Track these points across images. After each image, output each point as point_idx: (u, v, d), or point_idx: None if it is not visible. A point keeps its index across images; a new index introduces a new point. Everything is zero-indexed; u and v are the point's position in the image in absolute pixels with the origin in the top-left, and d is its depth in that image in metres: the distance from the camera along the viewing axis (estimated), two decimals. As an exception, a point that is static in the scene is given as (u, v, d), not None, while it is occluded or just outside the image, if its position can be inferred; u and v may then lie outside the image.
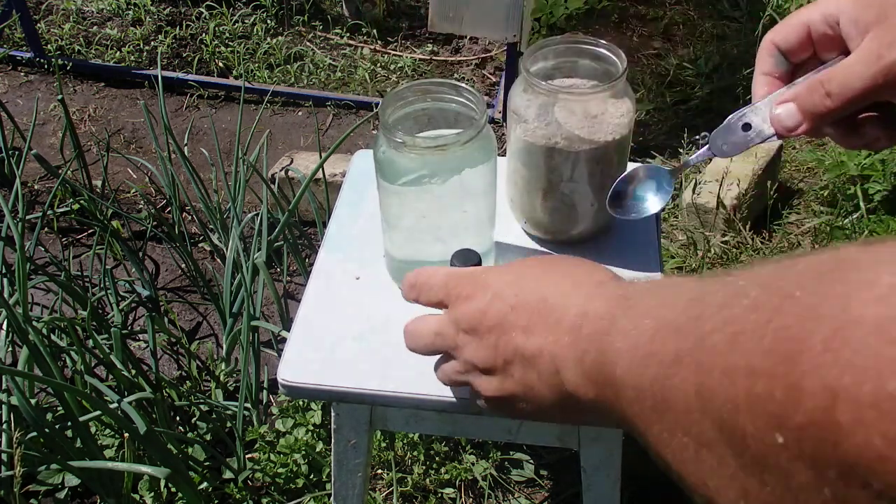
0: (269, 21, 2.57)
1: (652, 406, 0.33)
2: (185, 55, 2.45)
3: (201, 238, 1.75)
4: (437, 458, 1.27)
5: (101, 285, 1.49)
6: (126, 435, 1.03)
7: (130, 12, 2.62)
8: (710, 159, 0.85)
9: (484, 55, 2.44)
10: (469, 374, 0.50)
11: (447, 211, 0.69)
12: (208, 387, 1.39)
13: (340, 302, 0.77)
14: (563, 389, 0.42)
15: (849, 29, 0.49)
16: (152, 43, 2.48)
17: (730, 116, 0.57)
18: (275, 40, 2.48)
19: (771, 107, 0.54)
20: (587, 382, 0.40)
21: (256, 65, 2.39)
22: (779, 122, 0.53)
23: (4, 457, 1.09)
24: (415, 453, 1.27)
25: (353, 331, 0.74)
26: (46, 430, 1.03)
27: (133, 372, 1.21)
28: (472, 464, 1.25)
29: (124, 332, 1.32)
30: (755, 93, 0.56)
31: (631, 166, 0.72)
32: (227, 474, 1.23)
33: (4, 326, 1.25)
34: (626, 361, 0.36)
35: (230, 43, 2.48)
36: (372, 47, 2.48)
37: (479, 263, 0.59)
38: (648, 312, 0.36)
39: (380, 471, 1.27)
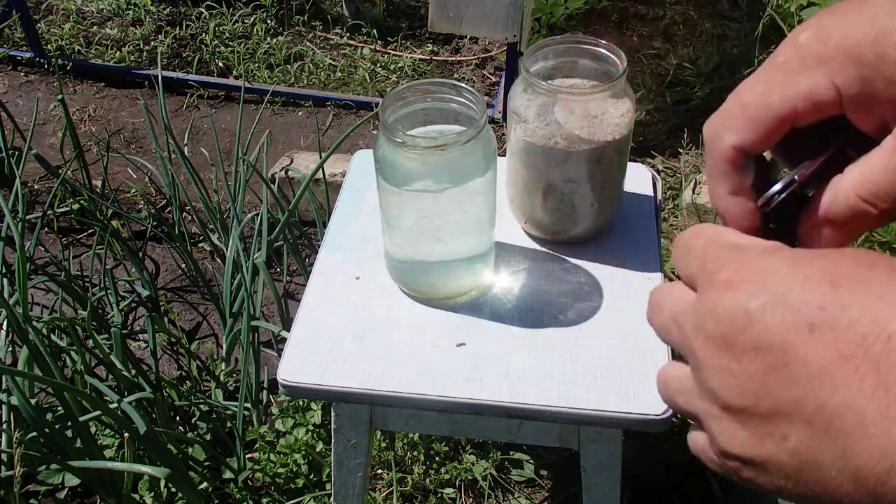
0: (269, 21, 2.57)
1: None
2: (185, 55, 2.45)
3: (201, 238, 1.75)
4: (437, 458, 1.27)
5: (101, 285, 1.49)
6: (126, 435, 1.03)
7: (130, 12, 2.62)
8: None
9: (484, 55, 2.44)
10: (701, 404, 0.32)
11: (447, 211, 0.69)
12: (208, 387, 1.39)
13: (340, 302, 0.77)
14: (893, 501, 0.25)
15: (859, 115, 0.34)
16: (152, 43, 2.48)
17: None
18: (275, 40, 2.48)
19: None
20: None
21: (256, 65, 2.39)
22: (812, 247, 0.37)
23: (4, 457, 1.09)
24: (415, 453, 1.27)
25: (353, 331, 0.74)
26: (46, 430, 1.03)
27: (133, 372, 1.21)
28: (472, 464, 1.25)
29: (124, 332, 1.32)
30: (730, 217, 0.38)
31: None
32: (227, 474, 1.23)
33: (4, 326, 1.25)
34: None
35: (230, 43, 2.48)
36: (372, 47, 2.48)
37: (802, 191, 0.36)
38: None
39: (380, 471, 1.27)
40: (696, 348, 0.31)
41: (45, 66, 2.38)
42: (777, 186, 0.36)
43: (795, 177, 0.36)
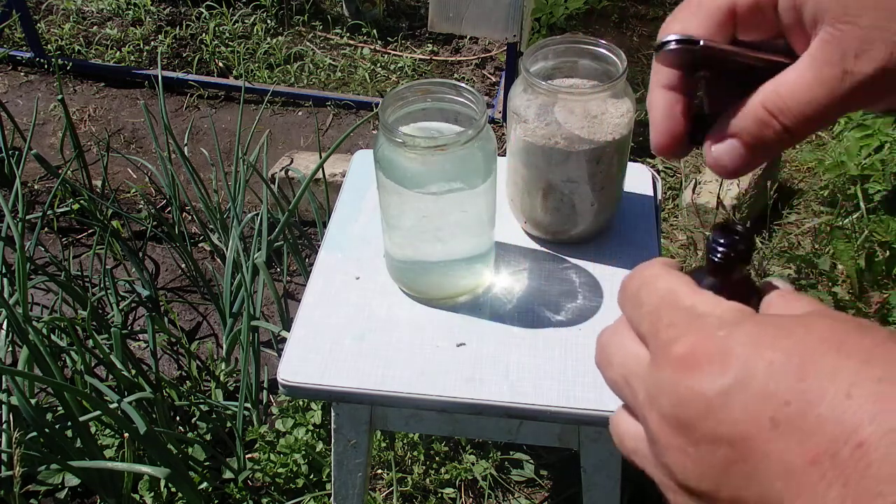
0: (269, 21, 2.57)
1: None
2: (185, 55, 2.45)
3: (201, 238, 1.75)
4: (437, 458, 1.27)
5: (101, 285, 1.49)
6: (126, 435, 1.03)
7: (130, 12, 2.62)
8: None
9: (484, 55, 2.44)
10: (657, 471, 0.31)
11: (447, 211, 0.69)
12: (208, 387, 1.39)
13: (340, 302, 0.77)
14: None
15: (789, 19, 0.34)
16: (152, 43, 2.48)
17: None
18: (275, 40, 2.48)
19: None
20: None
21: (256, 65, 2.39)
22: (719, 165, 0.36)
23: (4, 457, 1.09)
24: (415, 453, 1.27)
25: (353, 331, 0.74)
26: (46, 430, 1.03)
27: (133, 372, 1.21)
28: (472, 464, 1.25)
29: (124, 332, 1.32)
30: (656, 120, 0.38)
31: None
32: (227, 474, 1.23)
33: (4, 326, 1.25)
34: None
35: (230, 43, 2.48)
36: (372, 47, 2.48)
37: (748, 253, 0.33)
38: None
39: (380, 471, 1.27)
40: (650, 422, 0.29)
41: (45, 66, 2.38)
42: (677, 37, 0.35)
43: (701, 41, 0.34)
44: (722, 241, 0.33)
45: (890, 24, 0.30)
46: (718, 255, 0.33)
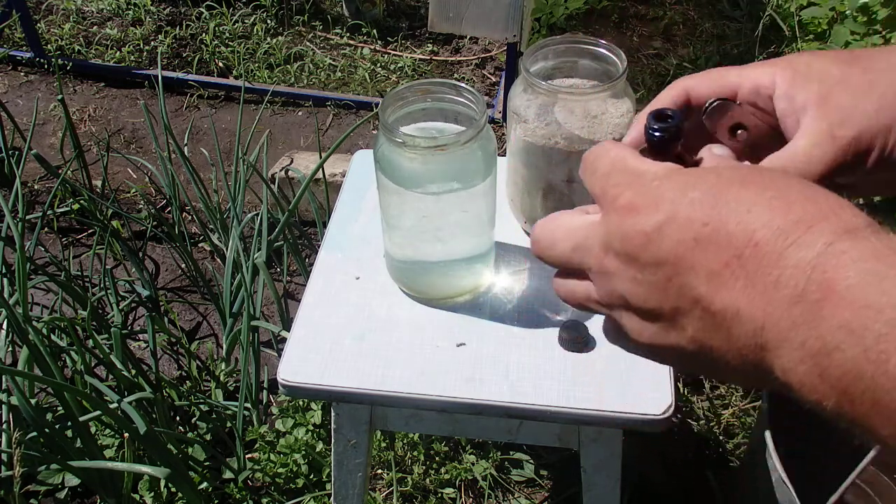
0: (269, 21, 2.57)
1: None
2: (185, 55, 2.45)
3: (201, 238, 1.75)
4: (437, 458, 1.27)
5: (101, 285, 1.49)
6: (126, 435, 1.03)
7: (130, 12, 2.62)
8: None
9: (484, 55, 2.44)
10: (614, 310, 0.38)
11: (447, 211, 0.69)
12: (208, 387, 1.39)
13: (340, 302, 0.77)
14: (764, 368, 0.31)
15: (783, 106, 0.42)
16: (152, 43, 2.48)
17: None
18: (275, 40, 2.48)
19: None
20: (816, 380, 0.29)
21: (256, 65, 2.39)
22: None
23: (4, 457, 1.09)
24: (415, 453, 1.27)
25: (353, 331, 0.74)
26: (46, 430, 1.03)
27: (133, 372, 1.21)
28: (472, 464, 1.25)
29: (124, 332, 1.32)
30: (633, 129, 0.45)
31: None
32: (227, 474, 1.23)
33: (4, 326, 1.25)
34: None
35: (230, 43, 2.48)
36: (372, 47, 2.48)
37: (678, 133, 0.40)
38: None
39: (380, 471, 1.27)
40: (604, 263, 0.37)
41: (45, 66, 2.38)
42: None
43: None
44: (656, 126, 0.39)
45: (859, 103, 0.40)
46: (655, 138, 0.39)
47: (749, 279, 0.31)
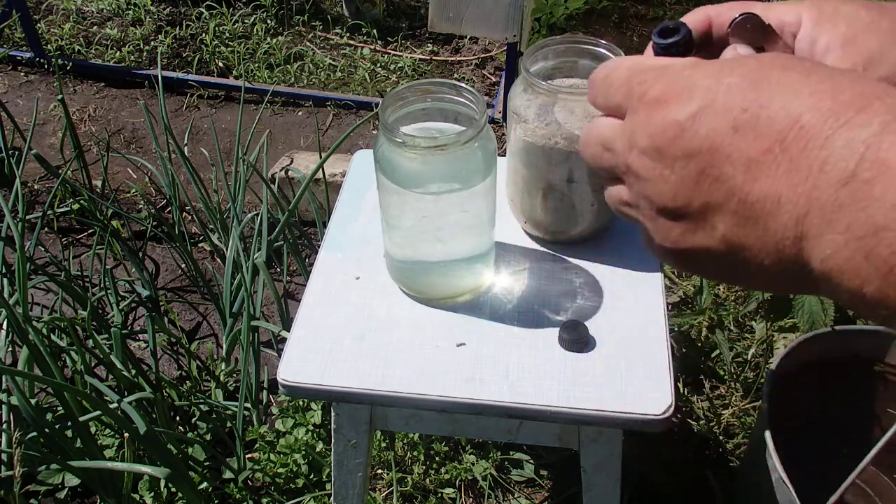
0: (269, 21, 2.57)
1: None
2: (185, 55, 2.45)
3: (201, 238, 1.75)
4: (437, 458, 1.27)
5: (101, 285, 1.49)
6: (126, 435, 1.03)
7: (130, 12, 2.62)
8: None
9: (484, 55, 2.44)
10: (642, 212, 0.36)
11: (447, 211, 0.69)
12: (208, 387, 1.39)
13: (340, 302, 0.77)
14: (800, 262, 0.29)
15: (803, 47, 0.41)
16: (152, 43, 2.48)
17: None
18: (275, 40, 2.48)
19: None
20: (860, 263, 0.27)
21: (256, 65, 2.39)
22: None
23: (4, 457, 1.09)
24: (415, 453, 1.27)
25: (353, 331, 0.74)
26: (46, 430, 1.03)
27: (133, 372, 1.21)
28: (472, 464, 1.25)
29: (124, 332, 1.32)
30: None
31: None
32: (227, 474, 1.23)
33: (4, 326, 1.25)
34: None
35: (230, 43, 2.48)
36: (372, 47, 2.48)
37: (689, 43, 0.39)
38: None
39: (380, 471, 1.27)
40: (630, 163, 0.35)
41: (45, 66, 2.38)
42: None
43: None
44: (665, 41, 0.38)
45: (886, 50, 0.38)
46: (666, 51, 0.38)
47: (793, 163, 0.29)
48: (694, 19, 0.42)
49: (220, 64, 2.41)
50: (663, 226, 0.34)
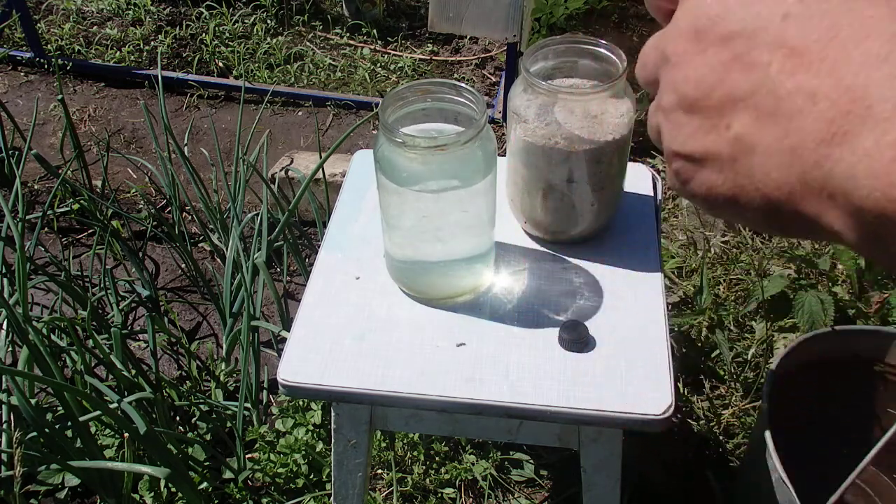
0: (269, 21, 2.57)
1: None
2: (185, 55, 2.45)
3: (201, 238, 1.75)
4: (437, 458, 1.27)
5: (101, 285, 1.49)
6: (126, 435, 1.03)
7: (130, 12, 2.62)
8: None
9: (484, 55, 2.44)
10: (663, 108, 0.33)
11: (447, 211, 0.69)
12: (208, 387, 1.39)
13: (340, 302, 0.77)
14: (818, 172, 0.26)
15: None
16: (152, 43, 2.48)
17: None
18: (275, 40, 2.48)
19: None
20: None
21: (256, 65, 2.39)
22: None
23: (4, 457, 1.09)
24: (415, 453, 1.27)
25: (353, 331, 0.74)
26: (46, 430, 1.03)
27: (133, 372, 1.21)
28: (472, 464, 1.25)
29: (124, 332, 1.32)
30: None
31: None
32: (227, 474, 1.23)
33: (4, 326, 1.25)
34: None
35: (230, 43, 2.48)
36: (372, 47, 2.48)
37: None
38: None
39: (380, 471, 1.27)
40: (669, 51, 0.31)
41: (45, 66, 2.38)
42: None
43: None
44: None
45: None
46: None
47: (840, 59, 0.26)
48: None
49: (220, 64, 2.41)
50: (676, 121, 0.31)
